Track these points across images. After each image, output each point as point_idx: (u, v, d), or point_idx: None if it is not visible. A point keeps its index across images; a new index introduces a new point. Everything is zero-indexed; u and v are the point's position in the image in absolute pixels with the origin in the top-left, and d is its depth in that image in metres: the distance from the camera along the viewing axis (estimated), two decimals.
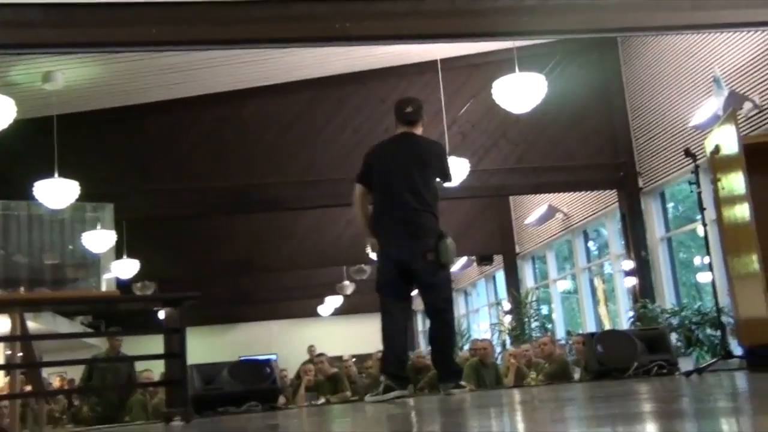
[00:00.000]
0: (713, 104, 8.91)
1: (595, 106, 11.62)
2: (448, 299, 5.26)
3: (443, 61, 10.70)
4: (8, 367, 6.87)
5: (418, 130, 5.41)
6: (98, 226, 5.72)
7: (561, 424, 2.35)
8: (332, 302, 21.44)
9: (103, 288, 5.19)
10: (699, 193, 5.22)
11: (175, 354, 4.46)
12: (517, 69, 8.21)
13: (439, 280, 5.14)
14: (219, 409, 5.09)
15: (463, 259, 18.50)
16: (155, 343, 4.77)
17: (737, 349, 5.10)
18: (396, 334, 5.16)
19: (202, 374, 5.45)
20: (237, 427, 3.54)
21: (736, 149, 4.58)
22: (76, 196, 8.71)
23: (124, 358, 8.84)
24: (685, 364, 6.87)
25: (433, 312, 5.22)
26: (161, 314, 6.02)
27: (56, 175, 8.89)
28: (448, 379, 5.13)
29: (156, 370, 10.69)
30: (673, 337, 8.84)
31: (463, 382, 5.25)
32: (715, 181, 4.96)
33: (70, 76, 9.49)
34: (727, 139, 4.75)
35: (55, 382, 17.27)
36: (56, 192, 8.59)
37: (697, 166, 5.26)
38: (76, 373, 17.86)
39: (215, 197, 11.21)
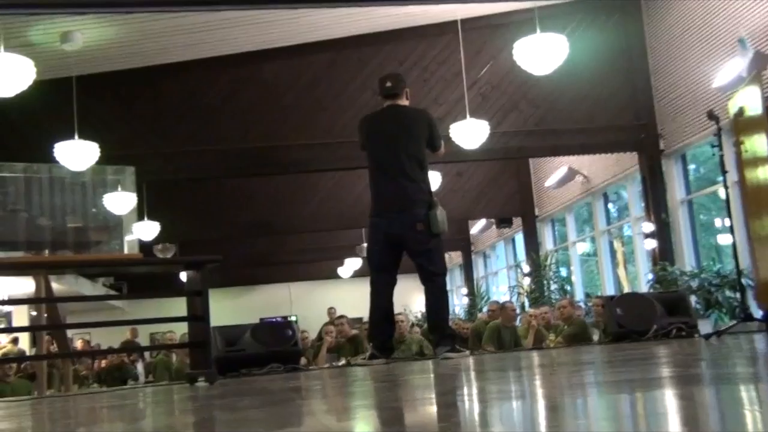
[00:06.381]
0: (737, 65, 8.76)
1: (617, 67, 11.47)
2: (440, 265, 5.36)
3: (464, 21, 10.60)
4: (35, 328, 7.00)
5: (403, 102, 5.47)
6: (119, 189, 5.74)
7: (579, 388, 2.37)
8: (352, 264, 21.52)
9: (126, 250, 5.22)
10: (721, 156, 5.17)
11: (198, 316, 4.51)
12: (538, 30, 8.11)
13: (430, 248, 5.25)
14: (242, 371, 5.15)
15: (483, 222, 18.48)
16: (176, 306, 4.81)
17: (757, 312, 5.09)
18: (378, 309, 5.34)
19: (225, 336, 5.49)
20: (260, 387, 3.59)
21: (761, 111, 4.53)
22: (97, 158, 8.75)
23: (151, 320, 8.86)
24: (705, 327, 6.86)
25: (426, 279, 5.32)
26: (183, 276, 6.07)
27: (76, 136, 8.92)
28: (442, 343, 5.21)
29: (178, 331, 10.85)
30: (693, 299, 8.82)
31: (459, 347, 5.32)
32: (738, 144, 4.91)
33: (88, 37, 9.48)
34: (751, 101, 4.70)
35: (78, 345, 17.53)
36: (77, 154, 8.62)
37: (719, 128, 5.20)
38: (97, 335, 18.10)
39: (235, 159, 11.23)
